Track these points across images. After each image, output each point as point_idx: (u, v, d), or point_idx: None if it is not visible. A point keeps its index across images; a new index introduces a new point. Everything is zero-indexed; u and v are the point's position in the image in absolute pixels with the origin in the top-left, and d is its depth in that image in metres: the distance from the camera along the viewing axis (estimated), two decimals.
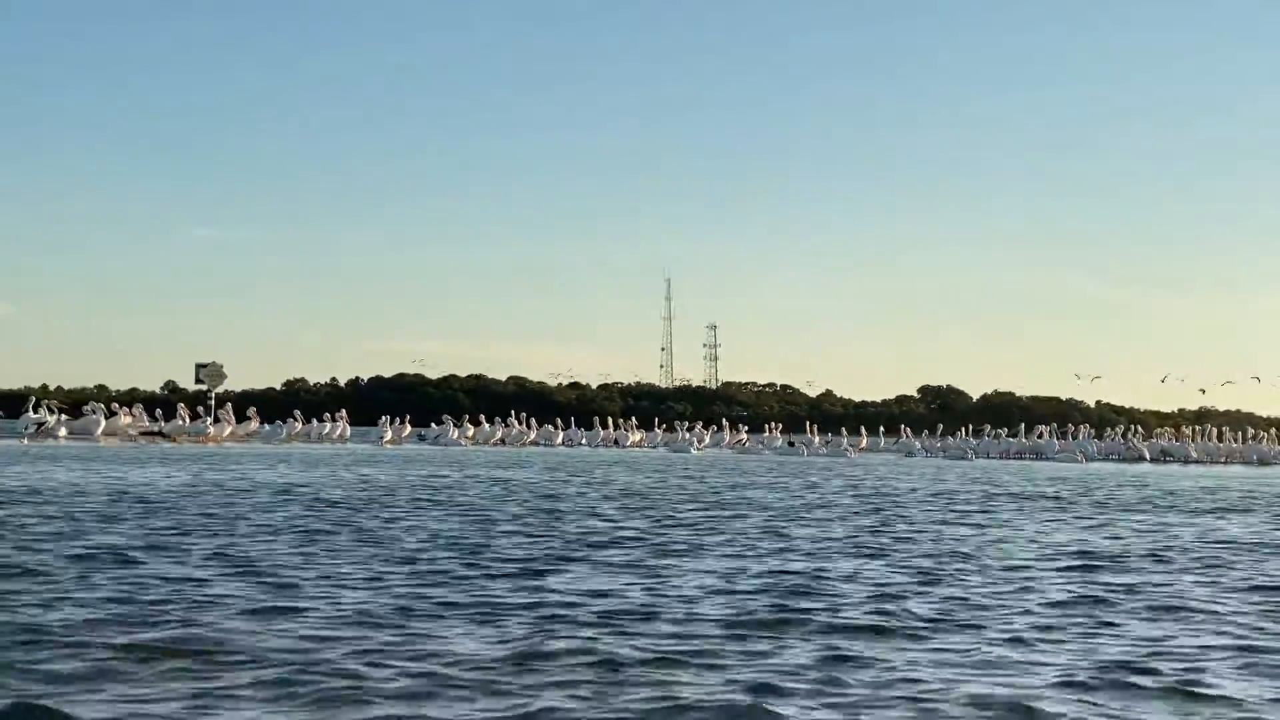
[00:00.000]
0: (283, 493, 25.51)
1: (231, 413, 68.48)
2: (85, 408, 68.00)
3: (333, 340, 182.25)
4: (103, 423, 65.29)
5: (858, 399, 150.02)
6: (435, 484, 30.67)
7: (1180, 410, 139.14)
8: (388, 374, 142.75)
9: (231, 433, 66.49)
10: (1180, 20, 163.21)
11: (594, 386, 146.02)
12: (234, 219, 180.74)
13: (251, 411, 70.38)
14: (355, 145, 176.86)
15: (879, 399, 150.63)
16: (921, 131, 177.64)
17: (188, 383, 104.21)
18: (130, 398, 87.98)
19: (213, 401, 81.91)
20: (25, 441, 57.71)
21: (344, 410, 76.61)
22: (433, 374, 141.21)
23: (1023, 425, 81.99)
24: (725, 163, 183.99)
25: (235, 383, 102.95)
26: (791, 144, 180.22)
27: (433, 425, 79.84)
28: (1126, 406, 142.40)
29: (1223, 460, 74.94)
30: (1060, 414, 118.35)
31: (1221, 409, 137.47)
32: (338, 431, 71.36)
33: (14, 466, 33.57)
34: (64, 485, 26.20)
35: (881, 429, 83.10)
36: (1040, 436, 79.01)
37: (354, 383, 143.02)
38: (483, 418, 79.14)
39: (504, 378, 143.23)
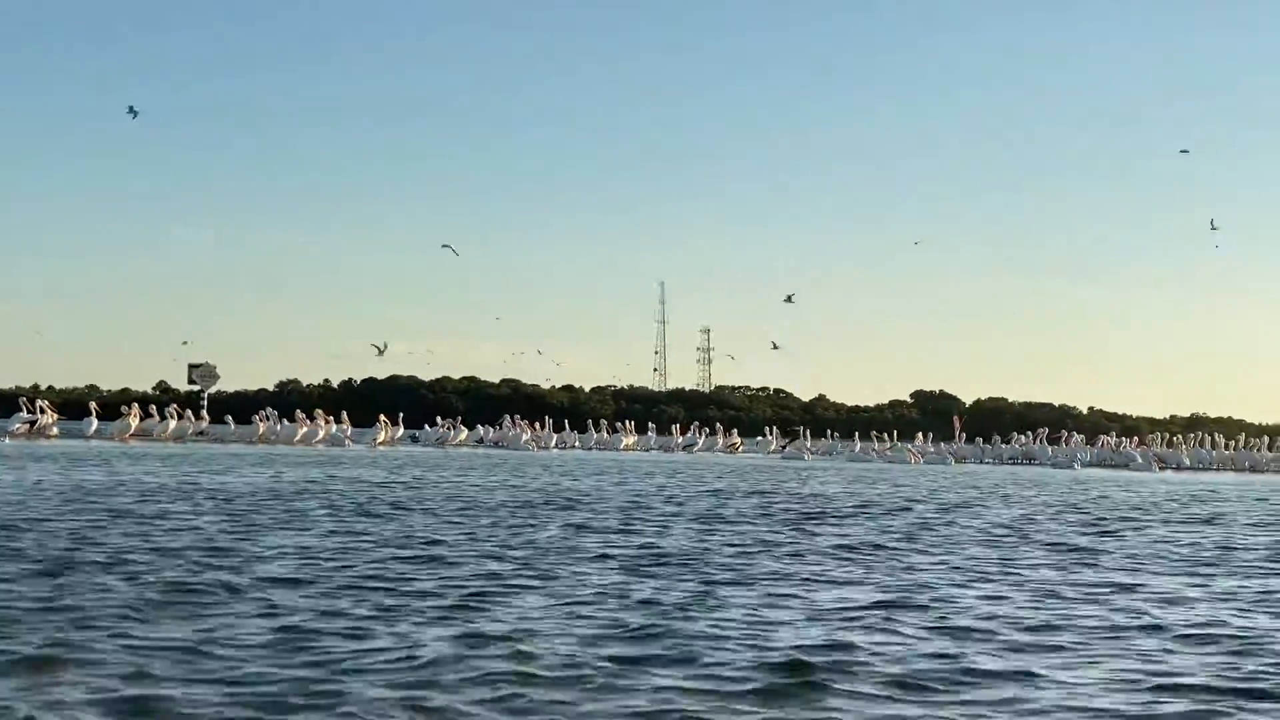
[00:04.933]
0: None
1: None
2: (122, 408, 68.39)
3: (323, 341, 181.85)
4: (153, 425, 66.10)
5: (850, 403, 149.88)
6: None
7: (1173, 417, 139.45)
8: (380, 375, 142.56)
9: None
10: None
11: (587, 389, 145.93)
12: (225, 219, 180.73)
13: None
14: (345, 144, 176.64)
15: (872, 404, 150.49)
16: (912, 133, 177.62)
17: (179, 383, 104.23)
18: (122, 398, 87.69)
19: (205, 402, 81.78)
20: (7, 440, 57.70)
21: (344, 412, 76.13)
22: (426, 376, 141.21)
23: (1014, 432, 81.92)
24: (719, 165, 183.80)
25: (227, 383, 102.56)
26: (785, 147, 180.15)
27: (426, 427, 79.71)
28: (1120, 413, 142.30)
29: (1214, 467, 74.91)
30: (1053, 420, 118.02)
31: (1213, 416, 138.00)
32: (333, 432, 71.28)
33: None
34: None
35: (874, 434, 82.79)
36: (1035, 442, 79.01)
37: (346, 384, 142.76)
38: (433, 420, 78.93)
39: (497, 380, 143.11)
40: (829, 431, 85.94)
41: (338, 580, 12.83)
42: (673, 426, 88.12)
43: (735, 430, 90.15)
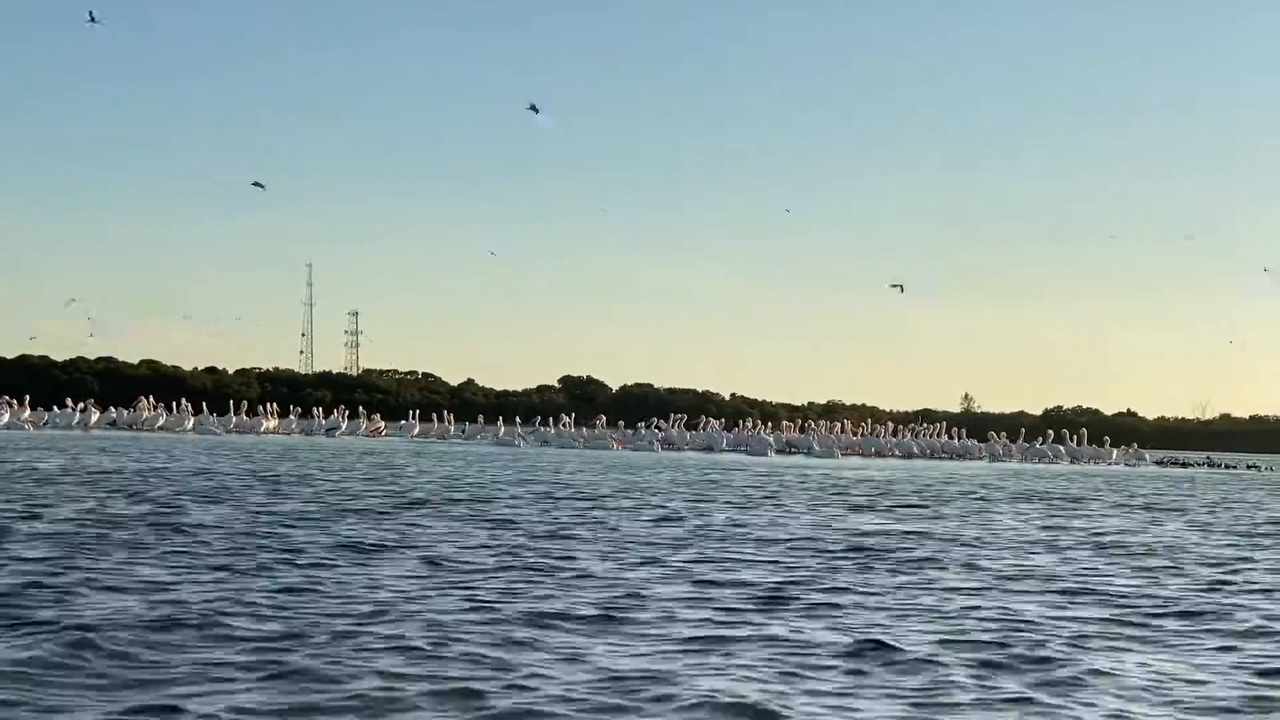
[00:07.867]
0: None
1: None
2: None
3: None
4: None
5: (499, 388, 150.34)
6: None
7: (810, 404, 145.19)
8: (9, 355, 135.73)
9: None
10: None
11: (231, 371, 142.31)
12: None
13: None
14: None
15: (521, 388, 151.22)
16: (573, 123, 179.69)
17: None
18: None
19: None
20: None
21: None
22: (59, 356, 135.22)
23: (654, 416, 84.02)
24: (367, 147, 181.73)
25: None
26: (426, 127, 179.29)
27: (54, 409, 76.62)
28: (760, 399, 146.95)
29: (843, 452, 78.29)
30: (697, 406, 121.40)
31: (849, 403, 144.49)
32: None
33: None
34: None
35: (518, 418, 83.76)
36: (674, 427, 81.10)
37: None
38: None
39: (136, 360, 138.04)
40: (477, 416, 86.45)
41: None
42: (315, 410, 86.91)
43: (379, 415, 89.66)
